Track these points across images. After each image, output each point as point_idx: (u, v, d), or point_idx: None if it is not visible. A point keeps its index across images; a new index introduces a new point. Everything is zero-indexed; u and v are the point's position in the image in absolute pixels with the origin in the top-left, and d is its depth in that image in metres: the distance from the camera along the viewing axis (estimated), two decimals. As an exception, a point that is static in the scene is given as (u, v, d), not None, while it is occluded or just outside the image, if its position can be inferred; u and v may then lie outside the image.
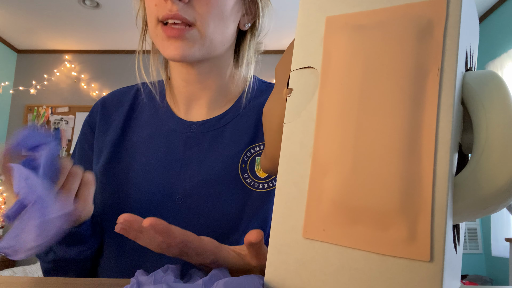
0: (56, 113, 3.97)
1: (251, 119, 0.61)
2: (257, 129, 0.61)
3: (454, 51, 0.26)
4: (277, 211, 0.30)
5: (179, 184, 0.57)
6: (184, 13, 0.52)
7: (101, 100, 0.68)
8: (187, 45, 0.53)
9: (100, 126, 0.65)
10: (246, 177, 0.58)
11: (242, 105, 0.62)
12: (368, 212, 0.26)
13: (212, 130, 0.60)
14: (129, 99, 0.66)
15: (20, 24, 3.59)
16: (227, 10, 0.55)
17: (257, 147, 0.59)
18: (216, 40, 0.56)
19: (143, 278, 0.30)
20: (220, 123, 0.61)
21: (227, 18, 0.56)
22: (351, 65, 0.29)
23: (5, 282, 0.38)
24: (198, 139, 0.60)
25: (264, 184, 0.57)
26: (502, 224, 2.94)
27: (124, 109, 0.65)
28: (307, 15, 0.32)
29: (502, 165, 0.26)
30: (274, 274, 0.29)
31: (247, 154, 0.59)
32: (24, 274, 2.75)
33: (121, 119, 0.64)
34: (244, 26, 0.61)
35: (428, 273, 0.24)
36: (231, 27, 0.58)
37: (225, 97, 0.63)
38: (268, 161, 0.40)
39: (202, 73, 0.60)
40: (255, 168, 0.58)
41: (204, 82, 0.61)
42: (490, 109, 0.27)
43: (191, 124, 0.61)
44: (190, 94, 0.62)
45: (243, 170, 0.58)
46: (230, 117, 0.61)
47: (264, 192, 0.57)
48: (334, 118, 0.29)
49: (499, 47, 3.08)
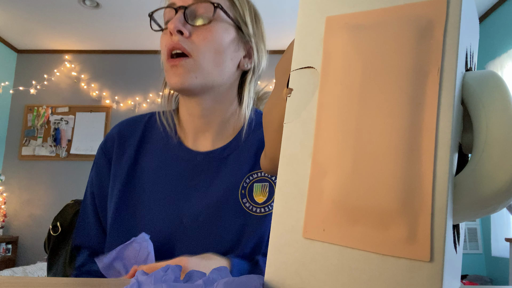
0: (56, 113, 3.97)
1: (251, 150, 0.68)
2: (256, 159, 0.67)
3: (454, 51, 0.26)
4: (277, 211, 0.30)
5: (187, 209, 0.64)
6: (183, 43, 0.61)
7: (116, 130, 0.73)
8: (184, 73, 0.61)
9: (117, 153, 0.70)
10: (245, 201, 0.64)
11: (243, 137, 0.69)
12: (368, 212, 0.26)
13: (216, 159, 0.67)
14: (142, 126, 0.73)
15: (20, 24, 3.59)
16: (223, 46, 0.64)
17: (255, 174, 0.66)
18: (213, 72, 0.63)
19: (143, 278, 0.30)
20: (223, 153, 0.68)
21: (223, 53, 0.64)
22: (351, 65, 0.29)
23: (5, 282, 0.38)
24: (204, 168, 0.67)
25: (261, 209, 0.64)
26: (502, 224, 2.94)
27: (137, 137, 0.71)
28: (307, 15, 0.32)
29: (502, 165, 0.26)
30: (274, 274, 0.29)
31: (246, 181, 0.65)
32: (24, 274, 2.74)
33: (134, 146, 0.70)
34: (245, 66, 0.69)
35: (428, 273, 0.24)
36: (229, 63, 0.65)
37: (228, 131, 0.70)
38: (268, 161, 0.40)
39: (205, 109, 0.67)
40: (253, 194, 0.65)
41: (208, 117, 0.68)
42: (490, 109, 0.27)
43: (197, 154, 0.68)
44: (196, 127, 0.69)
45: (243, 195, 0.65)
46: (232, 148, 0.68)
47: (262, 216, 0.63)
48: (334, 118, 0.29)
49: (499, 47, 3.08)
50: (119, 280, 0.40)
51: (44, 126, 3.94)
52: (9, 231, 3.80)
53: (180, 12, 0.61)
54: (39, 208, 3.84)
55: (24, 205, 3.85)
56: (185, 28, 0.61)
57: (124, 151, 0.70)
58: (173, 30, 0.60)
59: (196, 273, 0.35)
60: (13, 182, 3.87)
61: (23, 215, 3.83)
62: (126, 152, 0.70)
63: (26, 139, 3.93)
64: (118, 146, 0.70)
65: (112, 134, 0.73)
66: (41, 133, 3.93)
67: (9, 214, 3.82)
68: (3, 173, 3.84)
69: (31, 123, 3.95)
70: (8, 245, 3.62)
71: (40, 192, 3.86)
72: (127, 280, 0.39)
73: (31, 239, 3.78)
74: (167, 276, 0.30)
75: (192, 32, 0.62)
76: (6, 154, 3.93)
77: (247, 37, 0.68)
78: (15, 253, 3.71)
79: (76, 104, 4.00)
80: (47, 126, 3.94)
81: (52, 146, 3.89)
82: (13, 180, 3.88)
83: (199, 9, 0.63)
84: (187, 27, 0.61)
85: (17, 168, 3.90)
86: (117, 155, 0.70)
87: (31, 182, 3.88)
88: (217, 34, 0.63)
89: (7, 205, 3.81)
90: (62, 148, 3.88)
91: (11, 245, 3.64)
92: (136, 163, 0.69)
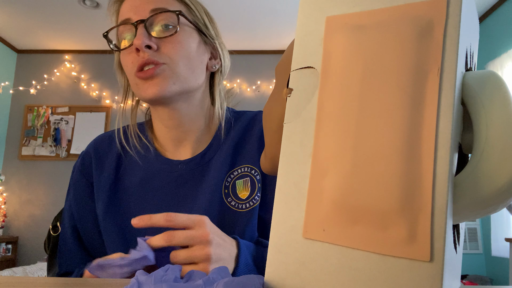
0: (56, 113, 3.97)
1: (229, 149, 0.68)
2: (235, 156, 0.67)
3: (454, 51, 0.26)
4: (277, 211, 0.30)
5: None
6: (155, 57, 0.59)
7: (92, 148, 0.71)
8: (161, 81, 0.60)
9: (96, 172, 0.68)
10: (230, 200, 0.64)
11: (221, 138, 0.69)
12: (368, 212, 0.26)
13: (198, 166, 0.67)
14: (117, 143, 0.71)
15: (20, 24, 3.59)
16: (192, 51, 0.63)
17: (235, 172, 0.66)
18: (189, 77, 0.63)
19: (143, 278, 0.30)
20: (204, 159, 0.67)
21: (194, 58, 0.63)
22: (351, 65, 0.29)
23: (5, 282, 0.38)
24: (187, 177, 0.66)
25: (246, 204, 0.64)
26: (502, 224, 2.94)
27: (114, 154, 0.70)
28: (307, 15, 0.32)
29: (502, 165, 0.26)
30: (274, 274, 0.29)
31: (228, 180, 0.66)
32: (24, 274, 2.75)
33: (113, 164, 0.68)
34: (212, 67, 0.69)
35: (428, 273, 0.24)
36: (199, 66, 0.65)
37: (206, 135, 0.70)
38: (268, 161, 0.40)
39: (183, 116, 0.66)
40: (236, 191, 0.65)
41: (186, 126, 0.67)
42: (490, 109, 0.27)
43: (178, 163, 0.67)
44: (174, 137, 0.68)
45: (227, 194, 0.65)
46: (212, 152, 0.68)
47: (248, 211, 0.64)
48: (334, 118, 0.29)
49: (499, 47, 3.08)
50: (119, 280, 0.41)
51: (44, 126, 3.94)
52: (9, 231, 3.80)
53: (141, 27, 0.59)
54: (39, 208, 3.84)
55: (24, 205, 3.85)
56: (152, 42, 0.59)
57: (103, 170, 0.68)
58: (141, 47, 0.58)
59: (196, 273, 0.35)
60: (13, 182, 3.87)
61: (23, 215, 3.83)
62: (105, 170, 0.68)
63: (26, 139, 3.93)
64: (96, 165, 0.69)
65: (88, 152, 0.71)
66: (41, 133, 3.93)
67: (9, 214, 3.82)
68: (3, 173, 3.84)
69: (31, 123, 3.95)
70: (8, 245, 3.62)
71: (40, 192, 3.87)
72: (127, 280, 0.39)
73: (31, 239, 3.78)
74: (167, 276, 0.30)
75: (159, 44, 0.60)
76: (6, 154, 3.93)
77: (210, 39, 0.67)
78: (15, 253, 3.71)
79: (76, 104, 4.00)
80: (47, 126, 3.94)
81: (52, 146, 3.89)
82: (13, 180, 3.88)
83: (157, 20, 0.61)
84: (153, 40, 0.60)
85: (17, 168, 3.90)
86: (97, 174, 0.68)
87: (31, 182, 3.88)
88: (184, 41, 0.62)
89: (7, 205, 3.81)
90: (62, 148, 3.88)
91: (11, 245, 3.64)
92: (117, 182, 0.67)
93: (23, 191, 3.87)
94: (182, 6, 0.64)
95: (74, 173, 0.70)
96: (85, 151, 0.71)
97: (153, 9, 0.61)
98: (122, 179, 0.67)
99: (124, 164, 0.69)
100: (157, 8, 0.61)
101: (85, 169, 0.69)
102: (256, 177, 0.66)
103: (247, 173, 0.66)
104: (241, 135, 0.70)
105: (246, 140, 0.69)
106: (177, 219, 0.47)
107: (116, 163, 0.68)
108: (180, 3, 0.64)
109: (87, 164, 0.69)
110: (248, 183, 0.65)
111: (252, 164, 0.67)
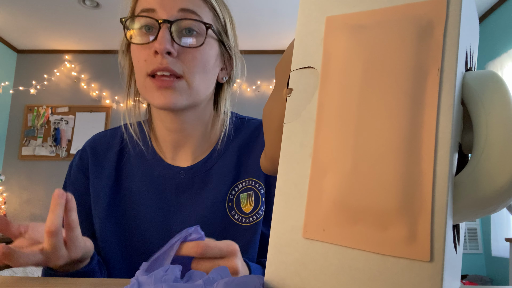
0: (56, 113, 3.97)
1: (232, 159, 0.66)
2: (239, 167, 0.66)
3: (454, 51, 0.26)
4: (277, 211, 0.30)
5: (175, 226, 0.63)
6: (173, 66, 0.56)
7: (89, 146, 0.69)
8: (176, 95, 0.58)
9: (93, 171, 0.67)
10: (234, 214, 0.63)
11: (223, 146, 0.68)
12: (368, 212, 0.26)
13: (199, 174, 0.65)
14: (117, 143, 0.69)
15: (20, 24, 3.58)
16: (210, 64, 0.61)
17: (240, 185, 0.65)
18: (201, 91, 0.61)
19: (143, 278, 0.30)
20: (205, 166, 0.66)
21: (210, 71, 0.61)
22: (351, 65, 0.29)
23: (5, 282, 0.38)
24: (188, 185, 0.65)
25: (250, 218, 0.63)
26: (502, 224, 2.94)
27: (113, 154, 0.68)
28: (307, 15, 0.32)
29: (502, 165, 0.26)
30: (274, 274, 0.29)
31: (232, 192, 0.64)
32: (24, 274, 2.74)
33: (112, 164, 0.67)
34: (222, 79, 0.67)
35: (428, 273, 0.24)
36: (212, 78, 0.63)
37: (207, 142, 0.68)
38: (268, 161, 0.40)
39: (186, 122, 0.64)
40: (240, 204, 0.64)
41: (188, 131, 0.65)
42: (490, 109, 0.27)
43: (179, 170, 0.66)
44: (175, 141, 0.66)
45: (231, 208, 0.63)
46: (213, 160, 0.66)
47: (251, 225, 0.63)
48: (334, 118, 0.29)
49: (499, 47, 3.08)
50: (119, 280, 0.41)
51: (44, 126, 3.93)
52: (9, 231, 3.80)
53: (165, 29, 0.55)
54: (39, 208, 3.84)
55: (24, 205, 3.85)
56: (173, 49, 0.56)
57: (102, 169, 0.66)
58: (162, 52, 0.55)
59: (196, 273, 0.35)
60: (13, 182, 3.87)
61: (23, 215, 3.83)
62: (105, 169, 0.66)
63: (26, 139, 3.93)
64: (93, 163, 0.67)
65: (85, 150, 0.69)
66: (41, 133, 3.93)
67: (9, 214, 3.82)
68: (3, 173, 3.84)
69: (31, 123, 3.94)
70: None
71: (40, 192, 3.86)
72: (127, 280, 0.39)
73: (31, 239, 3.77)
74: (167, 276, 0.30)
75: (180, 50, 0.57)
76: (6, 154, 3.93)
77: (228, 49, 0.65)
78: (15, 253, 3.71)
79: (76, 104, 4.00)
80: (47, 126, 3.94)
81: (52, 146, 3.89)
82: (13, 180, 3.88)
83: (183, 24, 0.57)
84: (175, 47, 0.56)
85: (17, 168, 3.90)
86: (94, 172, 0.66)
87: (31, 182, 3.88)
88: (205, 54, 0.59)
89: (7, 205, 3.81)
90: (62, 148, 3.88)
91: (11, 245, 3.64)
92: (117, 183, 0.66)
93: (23, 191, 3.87)
94: (210, 13, 0.61)
95: (72, 171, 0.69)
96: (82, 149, 0.70)
97: (182, 8, 0.57)
98: (122, 180, 0.66)
99: (124, 164, 0.67)
100: (186, 8, 0.57)
101: (83, 166, 0.68)
102: (260, 191, 0.65)
103: (251, 186, 0.65)
104: (245, 145, 0.68)
105: (250, 151, 0.68)
106: (208, 252, 0.41)
107: (115, 164, 0.67)
108: (209, 9, 0.61)
109: (85, 161, 0.68)
110: (252, 197, 0.64)
111: (257, 178, 0.65)
